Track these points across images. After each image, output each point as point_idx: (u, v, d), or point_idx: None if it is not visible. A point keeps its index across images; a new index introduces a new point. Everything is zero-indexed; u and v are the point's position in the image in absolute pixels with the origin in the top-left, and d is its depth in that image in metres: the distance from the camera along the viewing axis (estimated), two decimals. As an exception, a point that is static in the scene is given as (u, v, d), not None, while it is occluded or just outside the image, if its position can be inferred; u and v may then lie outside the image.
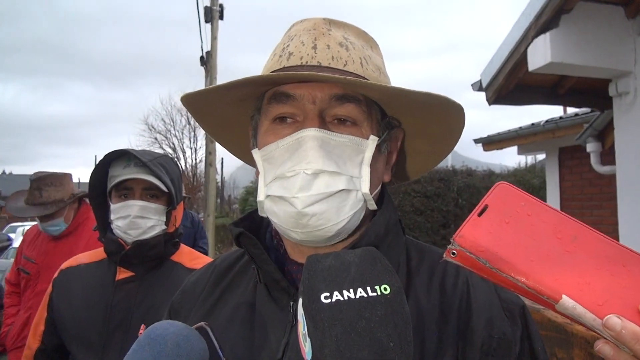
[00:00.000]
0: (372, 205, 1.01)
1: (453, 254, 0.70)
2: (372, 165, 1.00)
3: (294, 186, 0.93)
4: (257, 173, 1.04)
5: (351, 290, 0.71)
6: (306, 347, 0.72)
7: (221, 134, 1.23)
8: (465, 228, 0.70)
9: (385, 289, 0.72)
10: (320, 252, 0.92)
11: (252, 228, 1.08)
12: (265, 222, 1.15)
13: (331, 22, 1.06)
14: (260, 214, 1.03)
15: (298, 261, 1.06)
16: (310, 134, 0.94)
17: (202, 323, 0.88)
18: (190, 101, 1.09)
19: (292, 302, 0.99)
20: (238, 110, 1.12)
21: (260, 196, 1.00)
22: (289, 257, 1.08)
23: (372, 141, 1.00)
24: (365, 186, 0.97)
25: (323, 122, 0.97)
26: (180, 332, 0.82)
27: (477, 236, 0.69)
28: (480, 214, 0.71)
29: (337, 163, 0.95)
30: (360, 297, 0.71)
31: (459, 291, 1.01)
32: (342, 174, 0.95)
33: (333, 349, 0.67)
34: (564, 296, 0.65)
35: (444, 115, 1.04)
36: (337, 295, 0.71)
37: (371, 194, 1.00)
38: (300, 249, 1.04)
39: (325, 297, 0.71)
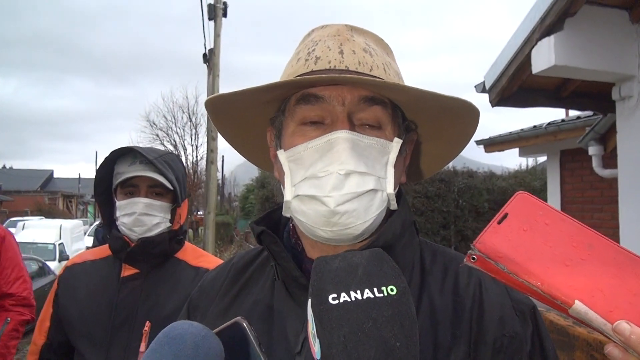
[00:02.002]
0: (394, 205, 1.04)
1: (473, 259, 0.73)
2: (395, 166, 1.03)
3: (327, 186, 0.95)
4: (280, 174, 1.06)
5: (358, 291, 0.73)
6: (316, 347, 0.73)
7: (231, 133, 1.24)
8: (486, 235, 0.74)
9: (392, 290, 0.73)
10: (340, 251, 0.94)
11: (270, 227, 1.10)
12: (284, 221, 1.17)
13: (352, 29, 1.09)
14: (285, 213, 1.05)
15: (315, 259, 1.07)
16: (342, 136, 0.97)
17: (238, 318, 0.88)
18: (216, 102, 1.11)
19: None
20: (254, 112, 1.13)
21: (287, 196, 1.02)
22: (306, 256, 1.10)
23: (397, 143, 1.03)
24: (390, 187, 1.01)
25: (352, 124, 1.00)
26: (199, 333, 0.82)
27: (496, 243, 0.73)
28: (500, 222, 0.74)
29: (366, 164, 0.98)
30: (367, 297, 0.72)
31: (471, 291, 1.03)
32: (371, 174, 0.98)
33: (340, 348, 0.69)
34: (576, 301, 0.69)
35: (461, 120, 1.08)
36: (344, 296, 0.72)
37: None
38: (321, 247, 1.06)
39: (333, 298, 0.72)
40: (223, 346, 0.86)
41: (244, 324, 0.88)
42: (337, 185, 0.95)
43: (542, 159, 15.73)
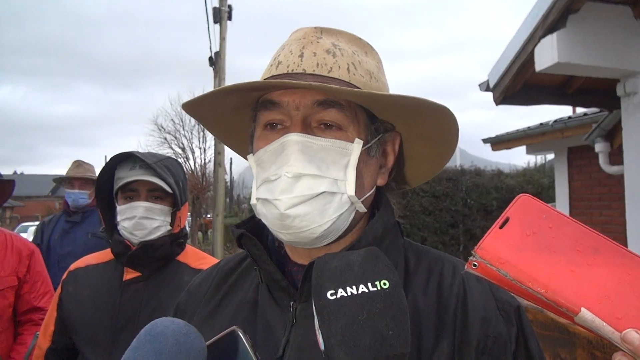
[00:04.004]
0: (361, 208, 1.03)
1: (474, 265, 0.71)
2: (361, 168, 1.01)
3: (277, 189, 0.96)
4: None
5: (354, 287, 0.78)
6: (320, 339, 0.79)
7: (229, 139, 1.27)
8: (487, 240, 0.72)
9: (384, 284, 0.79)
10: (315, 254, 0.96)
11: (255, 230, 1.11)
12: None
13: (322, 31, 1.08)
14: (258, 216, 1.06)
15: (298, 262, 1.09)
16: (292, 139, 0.97)
17: (233, 327, 0.90)
18: (191, 109, 1.12)
19: (292, 302, 1.02)
20: (241, 118, 1.15)
21: (253, 199, 1.03)
22: (289, 259, 1.11)
23: (358, 144, 1.01)
24: (350, 189, 0.99)
25: (308, 127, 1.00)
26: (180, 330, 0.83)
27: (498, 248, 0.71)
28: (501, 226, 0.72)
29: (319, 167, 0.97)
30: (362, 292, 0.78)
31: (455, 292, 1.03)
32: (325, 177, 0.97)
33: (339, 338, 0.75)
34: (582, 309, 0.66)
35: (432, 117, 1.06)
36: (341, 292, 0.78)
37: (360, 197, 1.01)
38: (298, 251, 1.08)
39: (331, 294, 0.78)
40: (218, 354, 0.87)
41: (240, 333, 0.89)
42: (286, 188, 0.95)
43: (550, 156, 15.62)
